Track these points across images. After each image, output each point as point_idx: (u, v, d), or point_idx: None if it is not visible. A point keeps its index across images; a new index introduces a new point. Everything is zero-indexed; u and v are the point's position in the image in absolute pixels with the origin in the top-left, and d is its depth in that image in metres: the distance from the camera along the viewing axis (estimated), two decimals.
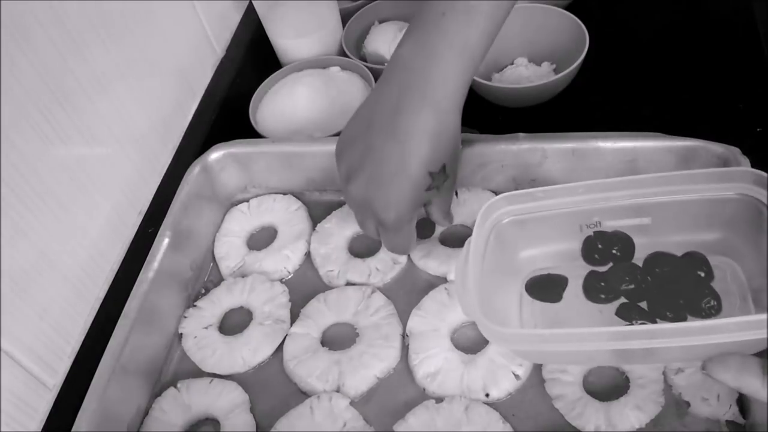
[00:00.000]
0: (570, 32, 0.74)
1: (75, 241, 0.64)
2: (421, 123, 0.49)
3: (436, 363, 0.55)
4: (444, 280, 0.61)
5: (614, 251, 0.45)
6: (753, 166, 0.55)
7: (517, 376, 0.53)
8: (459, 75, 0.50)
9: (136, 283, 0.59)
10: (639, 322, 0.42)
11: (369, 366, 0.56)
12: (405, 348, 0.57)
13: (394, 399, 0.55)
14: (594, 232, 0.46)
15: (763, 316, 0.34)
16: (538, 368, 0.54)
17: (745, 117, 0.69)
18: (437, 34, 0.49)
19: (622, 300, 0.44)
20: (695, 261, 0.42)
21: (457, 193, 0.65)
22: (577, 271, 0.46)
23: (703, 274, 0.42)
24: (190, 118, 0.84)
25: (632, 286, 0.43)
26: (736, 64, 0.75)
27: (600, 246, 0.45)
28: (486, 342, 0.56)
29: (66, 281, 0.63)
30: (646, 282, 0.43)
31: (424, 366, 0.55)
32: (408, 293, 0.61)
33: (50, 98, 0.60)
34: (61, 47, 0.61)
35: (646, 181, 0.43)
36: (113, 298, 0.66)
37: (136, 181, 0.74)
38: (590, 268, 0.46)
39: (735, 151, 0.56)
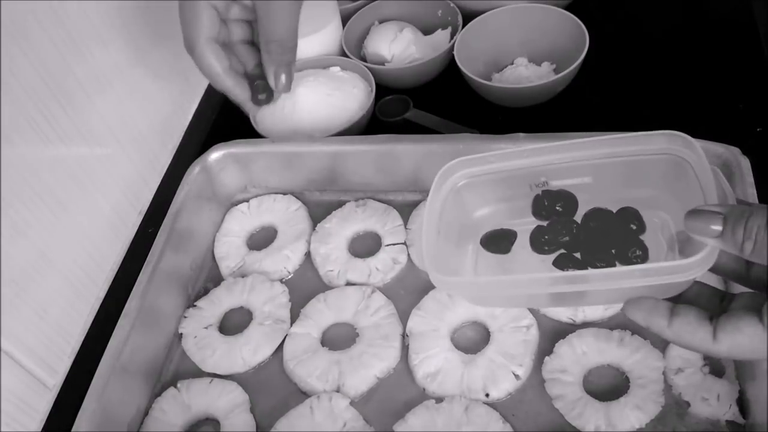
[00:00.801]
0: (570, 32, 0.74)
1: (75, 241, 0.64)
2: None
3: (436, 363, 0.55)
4: None
5: (558, 207, 0.48)
6: (753, 166, 0.55)
7: (517, 376, 0.53)
8: None
9: (136, 283, 0.59)
10: (571, 269, 0.46)
11: (369, 366, 0.56)
12: (405, 348, 0.57)
13: (394, 399, 0.55)
14: (542, 191, 0.49)
15: (672, 263, 0.37)
16: (538, 368, 0.54)
17: (745, 117, 0.69)
18: None
19: (562, 251, 0.48)
20: (628, 215, 0.46)
21: None
22: (526, 227, 0.50)
23: (634, 227, 0.46)
24: (190, 118, 0.84)
25: (568, 239, 0.47)
26: (736, 64, 0.75)
27: (546, 203, 0.49)
28: (486, 342, 0.56)
29: (66, 281, 0.63)
30: (582, 234, 0.47)
31: (424, 366, 0.55)
32: (408, 293, 0.61)
33: (50, 98, 0.60)
34: (61, 47, 0.61)
35: (587, 144, 0.46)
36: (113, 298, 0.66)
37: (136, 181, 0.74)
38: (539, 223, 0.49)
39: (735, 151, 0.56)
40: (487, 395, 0.53)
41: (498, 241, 0.51)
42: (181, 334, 0.62)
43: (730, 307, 0.38)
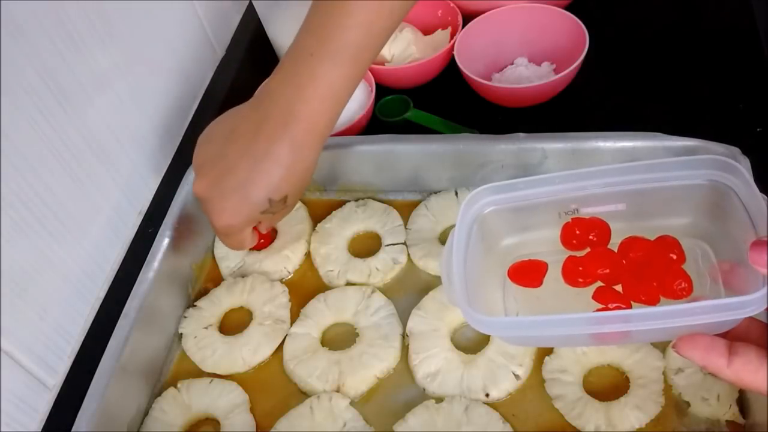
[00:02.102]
0: (570, 32, 0.74)
1: (75, 241, 0.64)
2: (276, 151, 0.52)
3: (436, 363, 0.55)
4: None
5: (591, 237, 0.46)
6: (753, 166, 0.55)
7: (517, 376, 0.53)
8: (321, 115, 0.52)
9: (136, 283, 0.59)
10: (614, 305, 0.43)
11: (369, 366, 0.56)
12: (405, 348, 0.57)
13: (394, 399, 0.55)
14: (572, 219, 0.47)
15: (728, 300, 0.35)
16: (538, 368, 0.54)
17: (745, 117, 0.69)
18: (305, 74, 0.51)
19: (599, 284, 0.45)
20: (667, 244, 0.44)
21: (457, 193, 0.65)
22: (557, 257, 0.47)
23: (674, 257, 0.43)
24: (190, 118, 0.84)
25: (607, 270, 0.45)
26: (736, 64, 0.75)
27: (577, 232, 0.47)
28: (486, 342, 0.56)
29: (66, 281, 0.63)
30: (620, 266, 0.45)
31: (424, 366, 0.55)
32: (408, 293, 0.61)
33: (50, 98, 0.60)
34: (61, 47, 0.61)
35: (621, 170, 0.44)
36: (113, 298, 0.66)
37: (136, 181, 0.74)
38: (569, 253, 0.47)
39: (735, 151, 0.56)
40: (487, 395, 0.53)
41: (527, 273, 0.48)
42: (181, 334, 0.62)
43: None
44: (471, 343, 0.57)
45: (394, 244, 0.64)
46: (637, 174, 0.44)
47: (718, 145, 0.57)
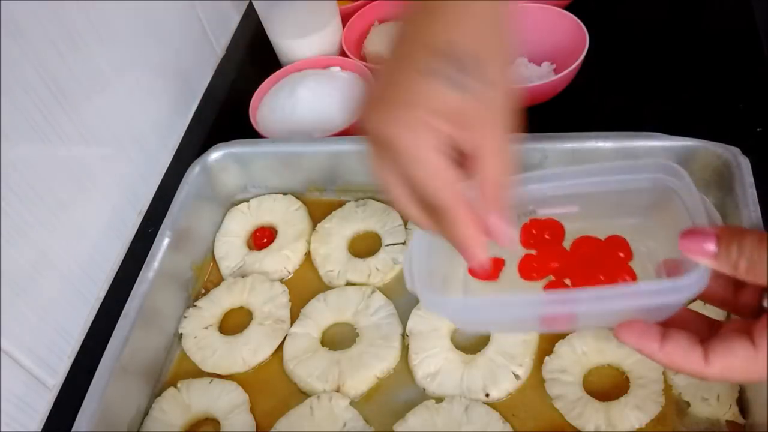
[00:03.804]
0: (570, 32, 0.74)
1: (75, 241, 0.64)
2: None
3: (436, 363, 0.55)
4: None
5: (546, 236, 0.48)
6: (753, 166, 0.55)
7: (517, 376, 0.53)
8: None
9: (136, 283, 0.59)
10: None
11: (369, 366, 0.56)
12: (405, 348, 0.57)
13: (394, 399, 0.55)
14: (530, 219, 0.49)
15: (665, 282, 0.37)
16: (538, 368, 0.54)
17: (745, 117, 0.69)
18: None
19: (551, 278, 0.47)
20: (616, 243, 0.46)
21: None
22: (516, 254, 0.49)
23: (622, 255, 0.46)
24: (190, 118, 0.84)
25: (557, 265, 0.47)
26: (736, 64, 0.75)
27: (534, 232, 0.49)
28: (486, 342, 0.56)
29: (66, 281, 0.63)
30: (571, 261, 0.47)
31: (424, 366, 0.55)
32: (408, 293, 0.60)
33: (50, 98, 0.60)
34: (61, 47, 0.61)
35: (574, 173, 0.46)
36: (113, 298, 0.66)
37: (136, 181, 0.74)
38: (527, 252, 0.49)
39: (735, 151, 0.56)
40: (487, 395, 0.53)
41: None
42: (181, 334, 0.62)
43: (720, 332, 0.38)
44: (471, 343, 0.57)
45: (394, 244, 0.64)
46: (589, 177, 0.46)
47: (718, 145, 0.57)
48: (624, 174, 0.45)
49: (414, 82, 0.37)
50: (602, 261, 0.46)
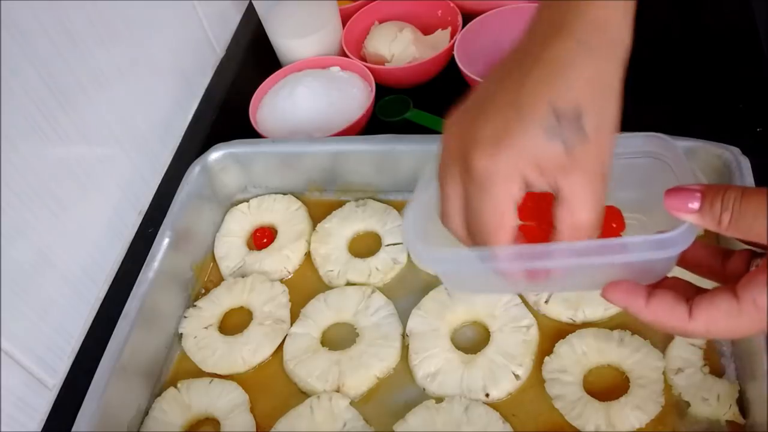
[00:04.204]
0: None
1: (75, 241, 0.64)
2: (554, 53, 0.39)
3: (436, 363, 0.55)
4: None
5: (542, 208, 0.47)
6: (753, 166, 0.55)
7: (517, 376, 0.53)
8: (609, 9, 0.42)
9: (136, 283, 0.59)
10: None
11: (369, 366, 0.56)
12: (405, 348, 0.57)
13: (394, 399, 0.55)
14: (526, 193, 0.47)
15: (649, 237, 0.37)
16: (538, 368, 0.54)
17: (745, 117, 0.69)
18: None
19: None
20: (610, 214, 0.46)
21: None
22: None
23: (615, 225, 0.46)
24: (190, 118, 0.84)
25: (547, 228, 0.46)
26: (736, 64, 0.75)
27: (529, 204, 0.47)
28: (486, 342, 0.56)
29: (66, 281, 0.63)
30: None
31: (424, 366, 0.55)
32: (408, 293, 0.61)
33: (50, 98, 0.60)
34: (61, 47, 0.61)
35: None
36: (113, 298, 0.66)
37: (136, 181, 0.74)
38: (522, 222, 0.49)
39: (735, 151, 0.56)
40: (487, 395, 0.53)
41: None
42: (181, 334, 0.62)
43: (706, 292, 0.38)
44: (471, 343, 0.57)
45: (394, 244, 0.64)
46: None
47: (718, 146, 0.57)
48: (619, 147, 0.44)
49: (530, 136, 0.37)
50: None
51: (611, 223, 0.46)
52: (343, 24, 0.85)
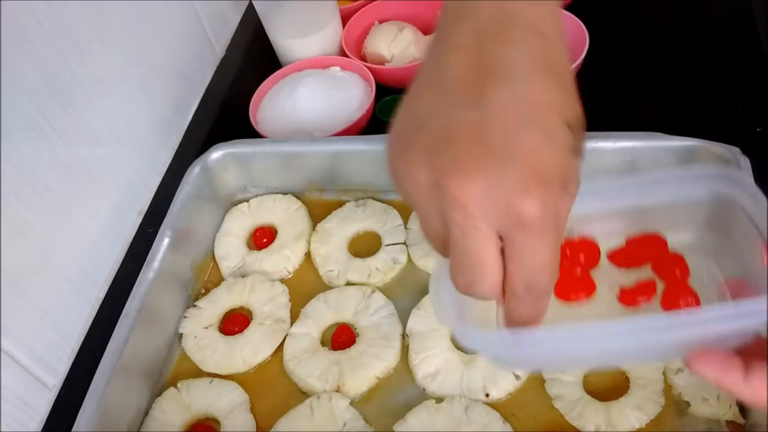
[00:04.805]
0: (570, 32, 0.74)
1: (75, 241, 0.64)
2: (527, 53, 0.33)
3: (436, 363, 0.55)
4: None
5: (580, 258, 0.45)
6: (753, 166, 0.55)
7: (517, 376, 0.53)
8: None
9: (136, 283, 0.59)
10: (643, 299, 0.42)
11: (369, 366, 0.56)
12: (405, 348, 0.57)
13: (394, 399, 0.55)
14: (565, 240, 0.45)
15: (750, 303, 0.33)
16: None
17: (745, 117, 0.69)
18: None
19: (595, 296, 0.44)
20: (672, 261, 0.43)
21: None
22: None
23: (678, 273, 0.42)
24: (190, 118, 0.84)
25: (594, 286, 0.43)
26: (736, 64, 0.75)
27: (568, 253, 0.45)
28: None
29: (66, 281, 0.63)
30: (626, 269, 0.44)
31: (424, 366, 0.55)
32: (408, 293, 0.61)
33: (50, 98, 0.60)
34: (61, 47, 0.61)
35: (617, 186, 0.42)
36: (113, 298, 0.66)
37: (136, 181, 0.74)
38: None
39: (735, 151, 0.56)
40: (487, 395, 0.53)
41: None
42: (181, 334, 0.62)
43: None
44: None
45: (394, 244, 0.64)
46: (635, 189, 0.42)
47: (718, 145, 0.57)
48: (675, 184, 0.41)
49: (508, 119, 0.32)
50: (659, 276, 0.42)
51: (675, 270, 0.42)
52: (343, 24, 0.85)
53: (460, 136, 0.32)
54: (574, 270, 0.44)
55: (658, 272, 0.43)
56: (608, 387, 0.52)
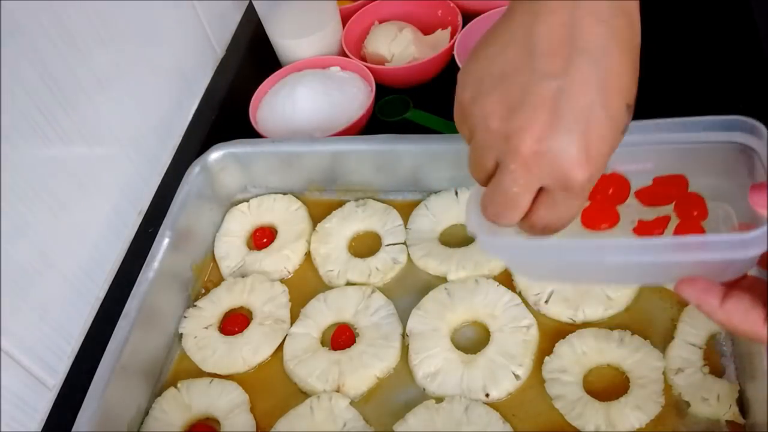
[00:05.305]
0: None
1: (75, 241, 0.64)
2: (614, 33, 0.38)
3: (436, 363, 0.55)
4: (444, 279, 0.61)
5: (609, 191, 0.47)
6: None
7: (517, 376, 0.53)
8: None
9: (136, 283, 0.59)
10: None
11: (369, 366, 0.56)
12: (405, 348, 0.57)
13: (394, 399, 0.55)
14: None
15: (729, 236, 0.36)
16: (538, 368, 0.54)
17: (745, 117, 0.69)
18: None
19: (617, 227, 0.46)
20: (692, 201, 0.45)
21: (457, 193, 0.65)
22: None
23: (696, 214, 0.45)
24: (190, 118, 0.84)
25: (618, 217, 0.46)
26: (736, 64, 0.75)
27: (599, 186, 0.47)
28: (486, 342, 0.56)
29: (66, 281, 0.63)
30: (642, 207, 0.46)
31: (424, 366, 0.55)
32: (408, 293, 0.61)
33: (50, 98, 0.60)
34: (61, 47, 0.61)
35: (647, 127, 0.44)
36: (113, 298, 0.66)
37: (136, 181, 0.74)
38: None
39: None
40: (487, 395, 0.53)
41: None
42: (181, 334, 0.62)
43: None
44: (471, 343, 0.57)
45: (394, 244, 0.64)
46: (666, 132, 0.44)
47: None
48: (704, 130, 0.43)
49: (583, 94, 0.36)
50: (679, 216, 0.45)
51: (692, 210, 0.44)
52: (343, 24, 0.85)
53: (539, 100, 0.36)
54: (604, 201, 0.47)
55: (679, 212, 0.46)
56: (608, 387, 0.52)
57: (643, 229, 0.46)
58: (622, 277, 0.48)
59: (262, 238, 0.68)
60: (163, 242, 0.62)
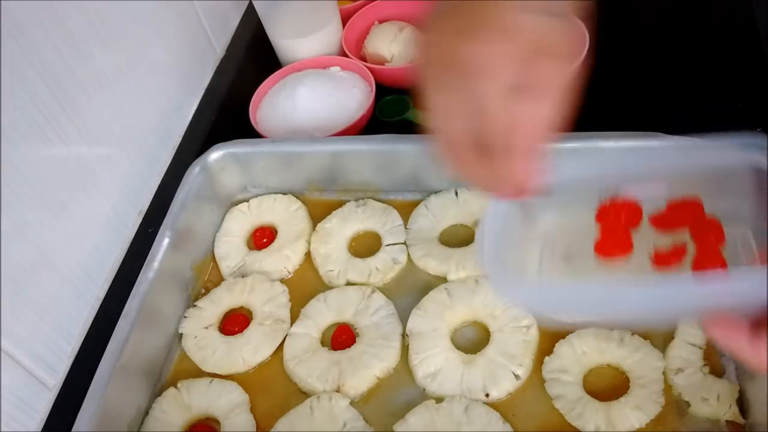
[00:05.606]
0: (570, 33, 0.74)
1: (75, 241, 0.64)
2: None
3: (436, 363, 0.55)
4: (444, 279, 0.61)
5: (621, 218, 0.46)
6: None
7: (517, 376, 0.53)
8: None
9: (136, 283, 0.59)
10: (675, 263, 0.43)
11: (369, 366, 0.56)
12: (405, 348, 0.57)
13: (394, 399, 0.55)
14: (609, 200, 0.47)
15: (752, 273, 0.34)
16: (538, 368, 0.54)
17: (745, 117, 0.69)
18: None
19: (632, 256, 0.45)
20: (708, 226, 0.44)
21: (457, 193, 0.65)
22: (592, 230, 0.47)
23: (713, 239, 0.43)
24: (190, 118, 0.84)
25: (632, 247, 0.45)
26: (736, 64, 0.75)
27: (610, 213, 0.47)
28: (486, 342, 0.56)
29: (66, 281, 0.63)
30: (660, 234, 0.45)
31: (424, 366, 0.55)
32: (408, 293, 0.61)
33: (50, 98, 0.60)
34: (61, 47, 0.61)
35: (661, 150, 0.45)
36: (113, 298, 0.66)
37: (136, 181, 0.74)
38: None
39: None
40: (487, 395, 0.53)
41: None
42: (181, 334, 0.62)
43: None
44: (471, 343, 0.57)
45: (394, 244, 0.64)
46: (679, 154, 0.44)
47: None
48: (718, 152, 0.42)
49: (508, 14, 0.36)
50: (695, 241, 0.43)
51: (709, 235, 0.43)
52: (343, 24, 0.85)
53: (478, 21, 0.37)
54: (616, 229, 0.46)
55: (695, 237, 0.45)
56: (608, 387, 0.52)
57: (661, 259, 0.45)
58: (637, 315, 0.46)
59: (262, 238, 0.68)
60: (163, 242, 0.62)
